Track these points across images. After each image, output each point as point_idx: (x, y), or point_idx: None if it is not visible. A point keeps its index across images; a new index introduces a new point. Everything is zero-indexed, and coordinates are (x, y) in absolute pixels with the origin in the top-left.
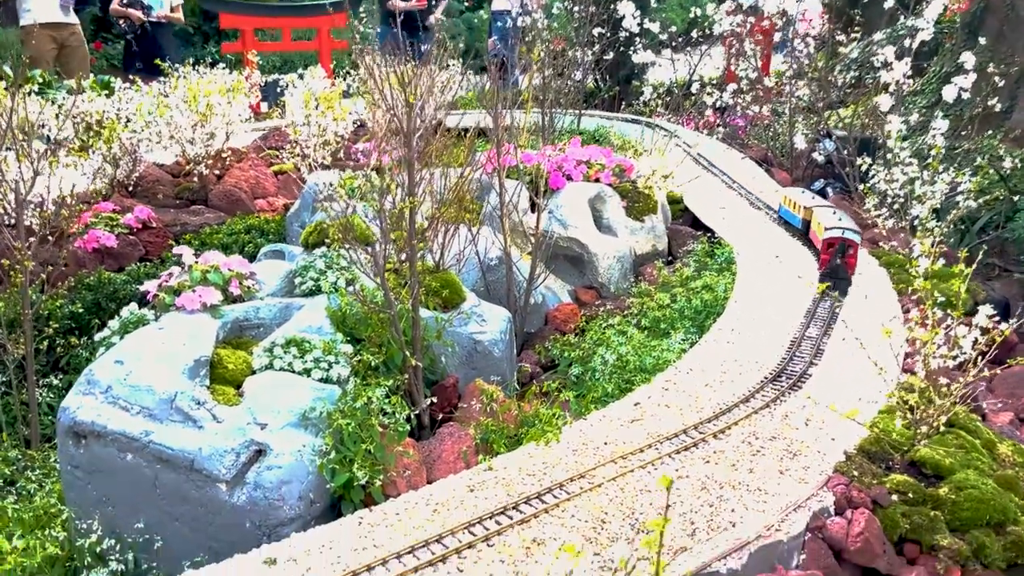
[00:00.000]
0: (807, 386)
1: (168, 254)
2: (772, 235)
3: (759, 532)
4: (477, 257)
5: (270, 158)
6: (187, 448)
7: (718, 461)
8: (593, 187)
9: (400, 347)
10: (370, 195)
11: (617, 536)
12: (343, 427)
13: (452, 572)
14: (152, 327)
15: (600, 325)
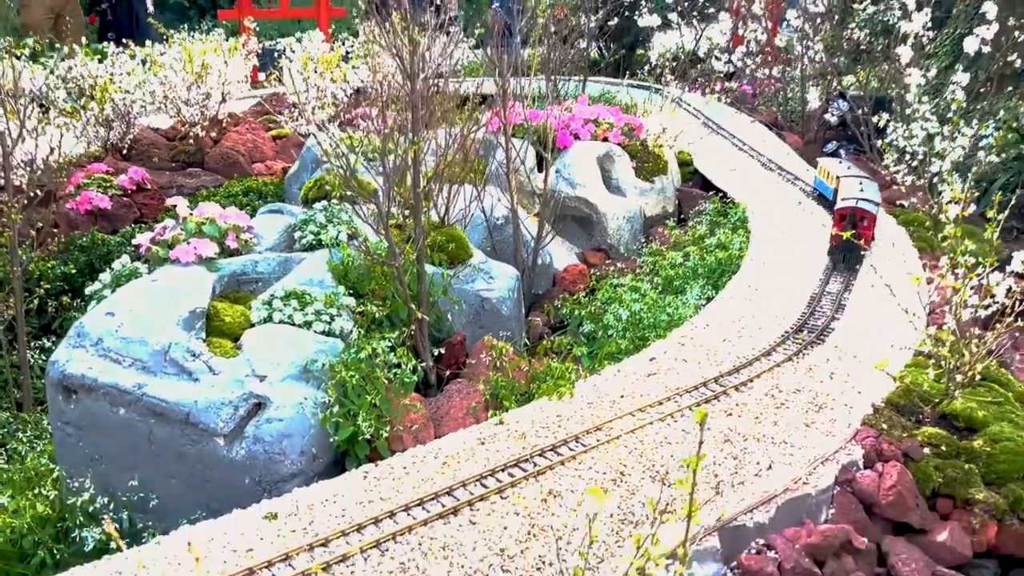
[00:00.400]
0: (831, 338)
1: (163, 215)
2: (786, 195)
3: (786, 485)
4: (483, 216)
5: (268, 123)
6: (182, 401)
7: (741, 414)
8: (602, 146)
9: (405, 300)
10: (371, 151)
11: (637, 488)
12: (347, 379)
13: (464, 525)
14: (145, 279)
15: (611, 284)
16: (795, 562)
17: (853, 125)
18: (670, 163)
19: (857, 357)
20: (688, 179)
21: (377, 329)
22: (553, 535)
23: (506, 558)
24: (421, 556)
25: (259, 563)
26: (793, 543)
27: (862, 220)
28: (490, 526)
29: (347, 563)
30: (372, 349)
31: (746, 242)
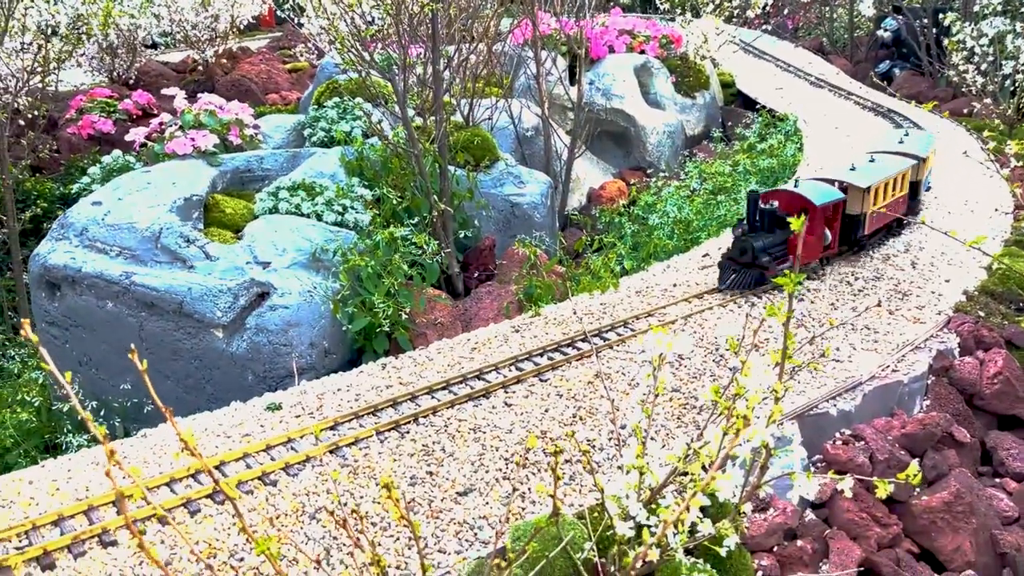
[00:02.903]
0: (907, 231)
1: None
2: (838, 108)
3: (872, 372)
4: (512, 124)
5: (284, 57)
6: (175, 288)
7: (814, 300)
8: (638, 57)
9: (426, 193)
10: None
11: (700, 372)
12: (361, 266)
13: (499, 407)
14: (137, 171)
15: (653, 192)
16: (888, 453)
17: (910, 38)
18: (712, 78)
19: (942, 246)
20: (731, 101)
21: (396, 223)
22: (602, 416)
23: (548, 441)
24: (447, 438)
25: (255, 447)
26: (885, 433)
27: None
28: (528, 408)
29: (360, 445)
30: (390, 235)
31: (799, 149)
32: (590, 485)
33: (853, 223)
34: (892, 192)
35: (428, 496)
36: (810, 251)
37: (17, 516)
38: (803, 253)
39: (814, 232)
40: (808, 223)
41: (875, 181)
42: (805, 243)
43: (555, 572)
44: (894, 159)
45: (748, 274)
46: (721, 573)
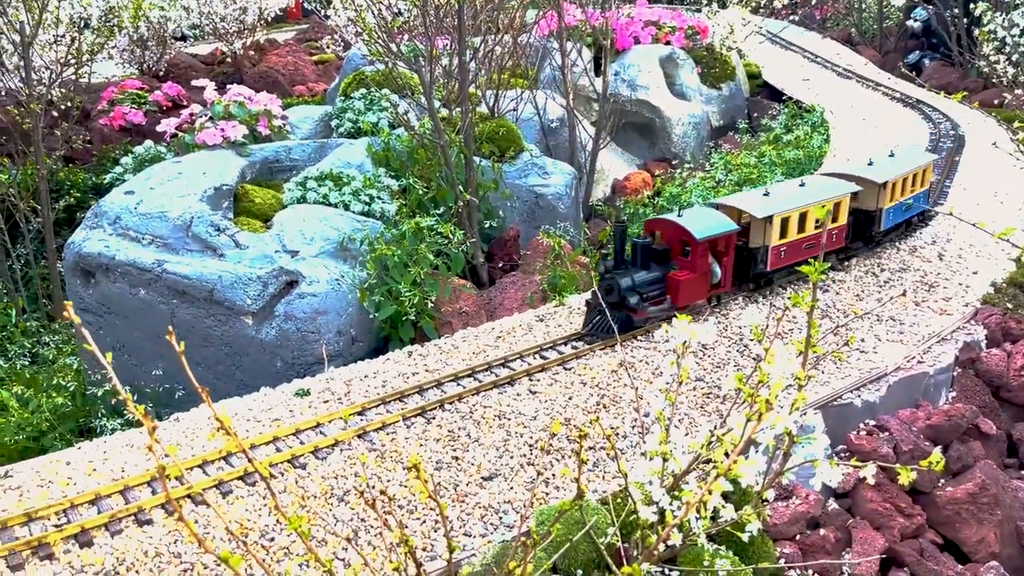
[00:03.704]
0: (934, 224)
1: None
2: (866, 99)
3: (898, 363)
4: (537, 115)
5: (311, 49)
6: (206, 276)
7: (839, 291)
8: (664, 49)
9: (452, 183)
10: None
11: (723, 362)
12: (388, 255)
13: (523, 394)
14: (168, 162)
15: (677, 184)
16: (913, 444)
17: (940, 28)
18: (738, 69)
19: (970, 238)
20: (757, 92)
21: (422, 213)
22: (625, 404)
23: (573, 428)
24: (472, 424)
25: (285, 430)
26: (909, 425)
27: (682, 249)
28: (552, 396)
29: (387, 430)
30: (416, 225)
31: (826, 140)
32: (613, 471)
33: (751, 258)
34: (813, 225)
35: (453, 480)
36: (692, 290)
37: (55, 495)
38: (683, 293)
39: (695, 269)
40: (689, 258)
41: (780, 210)
42: (686, 281)
43: (578, 556)
44: (832, 184)
45: (615, 316)
46: (743, 560)
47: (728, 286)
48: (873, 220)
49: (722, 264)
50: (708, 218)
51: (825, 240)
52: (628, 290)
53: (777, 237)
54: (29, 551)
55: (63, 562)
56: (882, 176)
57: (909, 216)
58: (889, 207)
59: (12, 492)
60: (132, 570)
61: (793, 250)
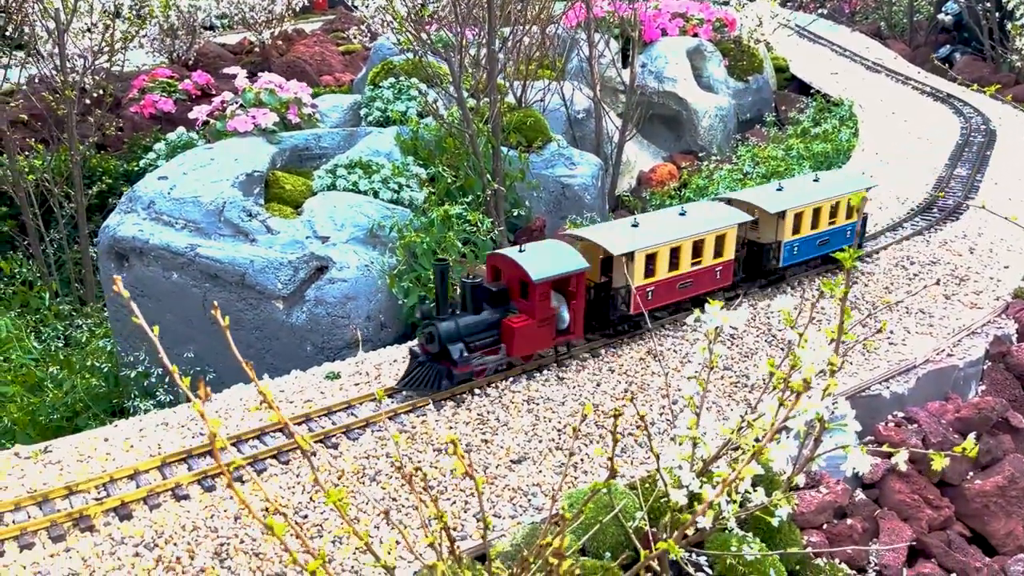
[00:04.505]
0: (966, 216)
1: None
2: (896, 93)
3: (927, 356)
4: (564, 106)
5: (337, 40)
6: (237, 260)
7: (868, 283)
8: (691, 41)
9: (480, 172)
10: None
11: (753, 351)
12: (417, 242)
13: (551, 380)
14: (200, 148)
15: (704, 176)
16: (942, 436)
17: (972, 21)
18: (765, 62)
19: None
20: (784, 85)
21: (450, 201)
22: (654, 392)
23: (601, 414)
24: (502, 409)
25: (317, 411)
26: (939, 417)
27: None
28: (580, 382)
29: (416, 413)
30: (444, 213)
31: (855, 134)
32: (641, 457)
33: (611, 300)
34: (688, 261)
35: (483, 463)
36: (531, 338)
37: (95, 470)
38: (519, 341)
39: (534, 314)
40: (527, 302)
41: (646, 245)
42: (522, 328)
43: (607, 539)
44: (717, 214)
45: (433, 369)
46: (770, 546)
47: (579, 333)
48: (770, 255)
49: (573, 308)
50: (555, 255)
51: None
52: (450, 338)
53: (642, 276)
54: (70, 523)
55: (103, 534)
56: (780, 205)
57: (827, 252)
58: (792, 240)
59: (53, 467)
60: (170, 543)
61: (664, 290)
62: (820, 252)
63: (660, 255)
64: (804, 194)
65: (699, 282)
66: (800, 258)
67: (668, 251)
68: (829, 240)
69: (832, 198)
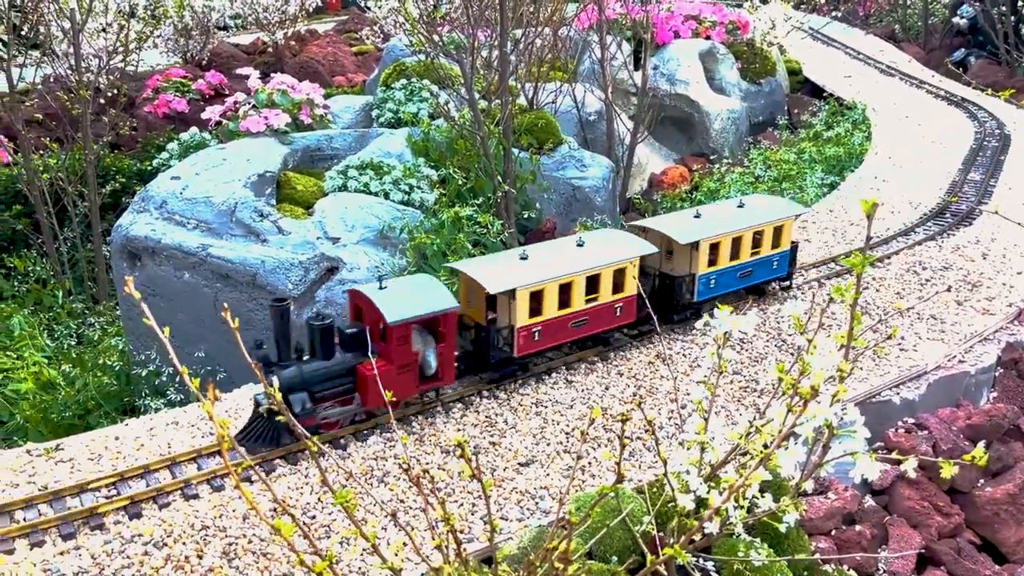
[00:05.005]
0: (979, 222)
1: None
2: (910, 97)
3: (938, 362)
4: (575, 107)
5: (350, 40)
6: (249, 261)
7: (879, 288)
8: (704, 43)
9: (491, 174)
10: (451, 44)
11: (763, 355)
12: (427, 244)
13: (559, 383)
14: (213, 148)
15: (715, 179)
16: (952, 443)
17: (987, 25)
18: (778, 65)
19: (1015, 237)
20: (797, 88)
21: (461, 203)
22: (662, 396)
23: (609, 417)
24: (510, 411)
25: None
26: (949, 424)
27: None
28: (588, 386)
29: (426, 415)
30: (455, 214)
31: (868, 138)
32: (648, 462)
33: (490, 341)
34: (582, 297)
35: (491, 465)
36: (392, 387)
37: (106, 468)
38: (375, 390)
39: (393, 359)
40: (385, 345)
41: (529, 282)
42: (380, 375)
43: (614, 542)
44: (619, 245)
45: (273, 422)
46: (778, 552)
47: (450, 379)
48: (683, 288)
49: (440, 351)
50: (420, 293)
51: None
52: (292, 388)
53: (527, 315)
54: (81, 520)
55: (113, 532)
56: (692, 235)
57: (751, 284)
58: (708, 273)
59: (64, 464)
60: (179, 541)
61: (554, 330)
62: (742, 285)
63: (547, 292)
64: (723, 222)
65: (596, 320)
66: (718, 292)
67: (557, 287)
68: (752, 272)
69: (756, 226)
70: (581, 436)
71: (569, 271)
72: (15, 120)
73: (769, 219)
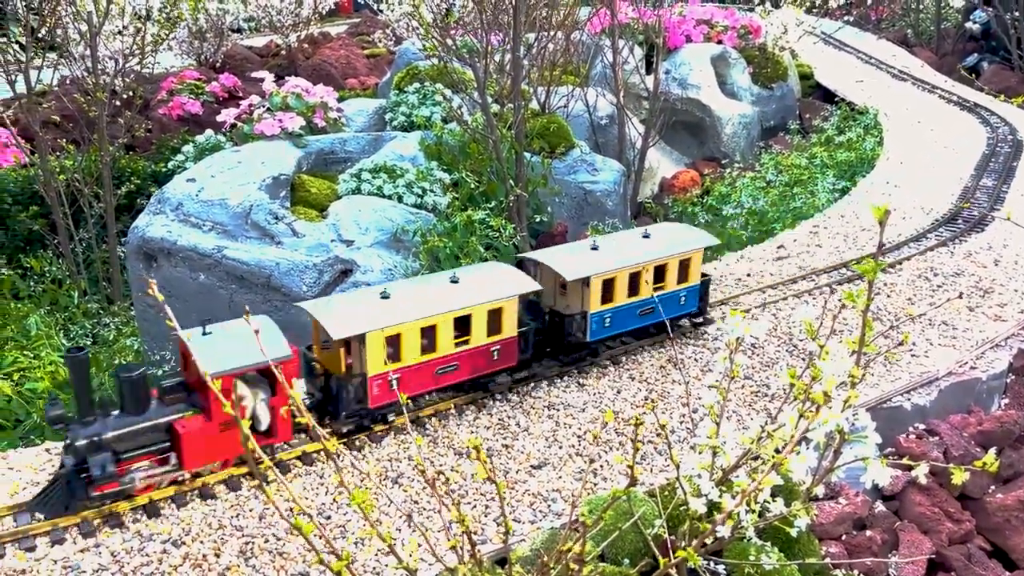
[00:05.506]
0: (991, 228)
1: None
2: (922, 101)
3: (950, 368)
4: (587, 112)
5: (363, 43)
6: (263, 263)
7: (890, 294)
8: (716, 48)
9: (503, 177)
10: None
11: (773, 361)
12: (440, 247)
13: (571, 387)
14: (228, 151)
15: (727, 184)
16: (964, 449)
17: (1000, 30)
18: (790, 69)
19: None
20: (809, 93)
21: (473, 206)
22: (674, 400)
23: (620, 421)
24: (522, 414)
25: None
26: (960, 430)
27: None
28: (600, 389)
29: (438, 416)
30: (467, 218)
31: (879, 143)
32: (660, 465)
33: (339, 392)
34: (451, 341)
35: (504, 468)
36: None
37: None
38: (193, 449)
39: (212, 415)
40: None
41: (382, 325)
42: (192, 434)
43: (626, 545)
44: (498, 281)
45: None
46: (788, 557)
47: (287, 435)
48: (574, 327)
49: (273, 405)
50: (250, 339)
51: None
52: (91, 447)
53: (379, 363)
54: (100, 519)
55: (132, 530)
56: (582, 270)
57: (654, 322)
58: (602, 311)
59: None
60: (197, 540)
61: (417, 377)
62: (644, 323)
63: (405, 336)
64: (621, 255)
65: (468, 365)
66: (614, 331)
67: (418, 330)
68: (655, 309)
69: (658, 259)
70: (593, 439)
71: (434, 311)
72: (32, 122)
73: (673, 252)
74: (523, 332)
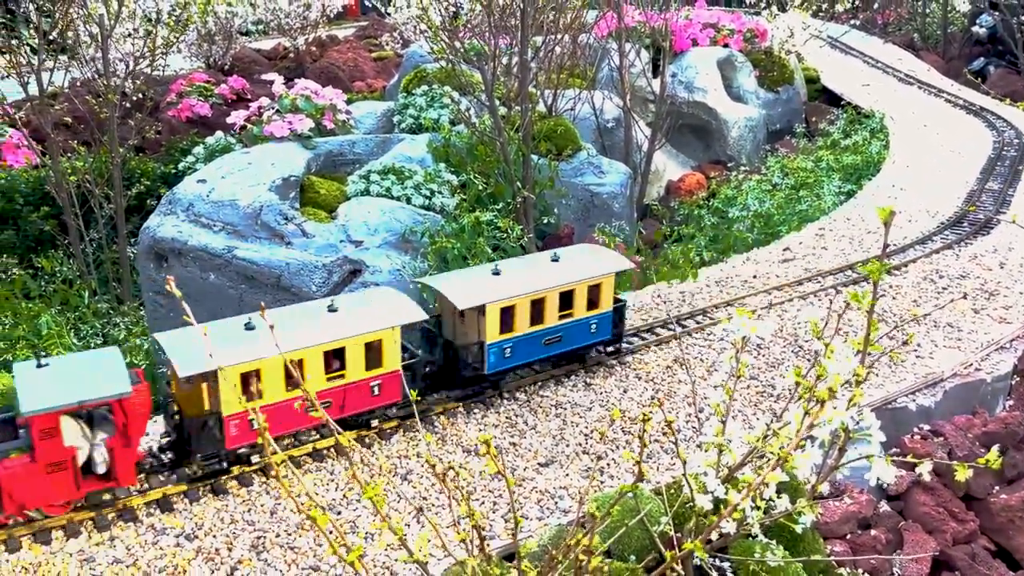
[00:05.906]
0: (997, 231)
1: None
2: (929, 105)
3: (955, 370)
4: (594, 114)
5: (370, 47)
6: (273, 263)
7: (895, 296)
8: (722, 51)
9: (511, 179)
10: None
11: (779, 361)
12: (448, 248)
13: (579, 386)
14: (238, 152)
15: (733, 186)
16: (968, 450)
17: (1006, 34)
18: (796, 73)
19: None
20: (815, 96)
21: (481, 208)
22: (680, 399)
23: (627, 419)
24: (530, 412)
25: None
26: (965, 431)
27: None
28: (607, 389)
29: (447, 414)
30: (475, 219)
31: (885, 146)
32: (666, 464)
33: (192, 432)
34: (323, 376)
35: (511, 465)
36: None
37: None
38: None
39: (37, 456)
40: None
41: (236, 361)
42: (19, 474)
43: (632, 542)
44: (378, 311)
45: None
46: (793, 555)
47: (131, 479)
48: (469, 358)
49: (113, 445)
50: (87, 373)
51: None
52: None
53: (236, 402)
54: (114, 513)
55: (146, 524)
56: (478, 297)
57: (563, 351)
58: (501, 341)
59: None
60: (209, 534)
61: (282, 416)
62: (550, 352)
63: (267, 372)
64: (524, 281)
65: (344, 401)
66: (516, 362)
67: (281, 365)
68: (563, 337)
69: (564, 285)
70: (600, 436)
71: (301, 344)
72: (44, 123)
73: (582, 276)
74: (409, 365)
